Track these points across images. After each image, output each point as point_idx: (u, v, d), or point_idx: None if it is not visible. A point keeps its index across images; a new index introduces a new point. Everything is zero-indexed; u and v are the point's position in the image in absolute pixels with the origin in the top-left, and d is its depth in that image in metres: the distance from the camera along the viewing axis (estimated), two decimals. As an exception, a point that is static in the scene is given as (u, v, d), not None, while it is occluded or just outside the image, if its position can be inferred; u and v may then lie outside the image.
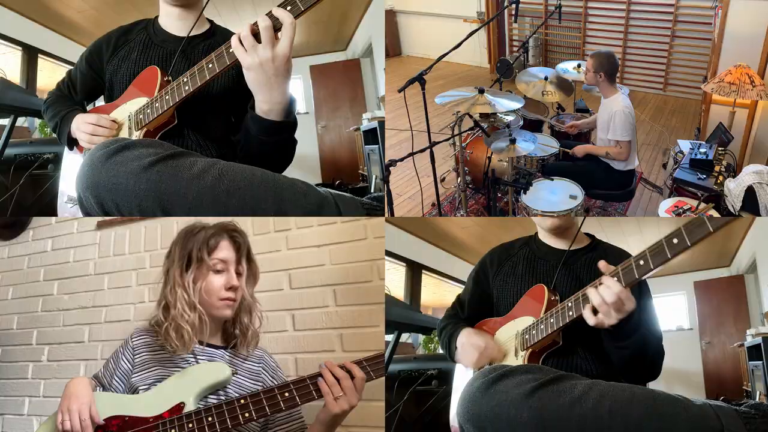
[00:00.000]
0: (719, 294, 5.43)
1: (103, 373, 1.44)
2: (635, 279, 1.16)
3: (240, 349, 1.44)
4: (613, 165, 2.85)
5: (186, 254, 1.39)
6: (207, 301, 1.37)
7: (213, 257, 1.38)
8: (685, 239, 1.07)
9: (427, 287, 4.59)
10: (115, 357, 1.45)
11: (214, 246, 1.38)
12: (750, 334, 3.87)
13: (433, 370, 2.62)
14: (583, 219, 1.55)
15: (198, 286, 1.36)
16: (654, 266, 1.13)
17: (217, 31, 1.75)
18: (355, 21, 5.98)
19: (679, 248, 1.08)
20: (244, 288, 1.43)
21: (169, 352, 1.36)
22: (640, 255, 1.16)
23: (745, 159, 3.26)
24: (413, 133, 2.51)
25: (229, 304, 1.39)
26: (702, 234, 1.05)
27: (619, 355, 1.29)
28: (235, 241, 1.42)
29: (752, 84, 2.83)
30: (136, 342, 1.44)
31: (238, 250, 1.42)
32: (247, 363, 1.45)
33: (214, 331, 1.45)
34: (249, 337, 1.44)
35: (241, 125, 1.51)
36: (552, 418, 0.97)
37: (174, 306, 1.35)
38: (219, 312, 1.39)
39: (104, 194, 1.06)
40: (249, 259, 1.46)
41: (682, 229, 1.08)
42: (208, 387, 1.31)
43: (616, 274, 1.19)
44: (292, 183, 1.12)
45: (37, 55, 4.88)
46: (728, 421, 0.92)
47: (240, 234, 1.44)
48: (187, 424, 1.24)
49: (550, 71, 3.24)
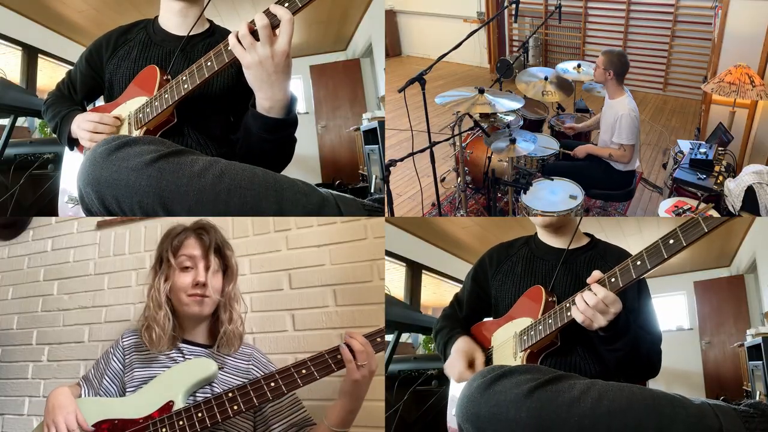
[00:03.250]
0: (719, 294, 5.43)
1: (93, 374, 1.45)
2: (632, 279, 1.18)
3: (222, 348, 1.43)
4: (614, 165, 2.85)
5: (158, 255, 1.44)
6: (176, 298, 1.39)
7: (179, 255, 1.40)
8: (681, 240, 1.10)
9: (427, 287, 4.59)
10: (105, 357, 1.46)
11: (179, 245, 1.41)
12: (750, 334, 3.86)
13: (433, 370, 2.62)
14: (580, 218, 1.56)
15: (168, 285, 1.39)
16: (651, 266, 1.15)
17: (217, 30, 1.75)
18: (355, 21, 5.98)
19: (675, 248, 1.11)
20: (216, 285, 1.42)
21: (155, 352, 1.39)
22: (636, 256, 1.19)
23: (745, 159, 3.26)
24: (413, 133, 2.51)
25: (197, 300, 1.39)
26: (697, 234, 1.08)
27: (612, 357, 1.30)
28: (201, 238, 1.43)
29: (752, 84, 2.83)
30: (126, 343, 1.45)
31: (203, 246, 1.42)
32: (233, 361, 1.45)
33: (195, 329, 1.45)
34: (227, 335, 1.43)
35: (241, 123, 1.51)
36: (551, 418, 0.97)
37: (147, 306, 1.39)
38: (189, 309, 1.39)
39: (105, 190, 1.06)
40: (221, 254, 1.46)
41: (677, 229, 1.11)
42: (195, 383, 1.32)
43: (605, 279, 1.22)
44: (293, 183, 1.12)
45: (37, 55, 4.88)
46: (727, 420, 0.92)
47: (207, 231, 1.45)
48: (178, 421, 1.24)
49: (550, 71, 3.24)
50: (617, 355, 1.28)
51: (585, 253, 1.52)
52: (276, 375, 1.26)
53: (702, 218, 1.06)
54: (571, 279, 1.46)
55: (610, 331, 1.23)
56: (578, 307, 1.23)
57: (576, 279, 1.45)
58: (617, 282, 1.20)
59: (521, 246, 1.63)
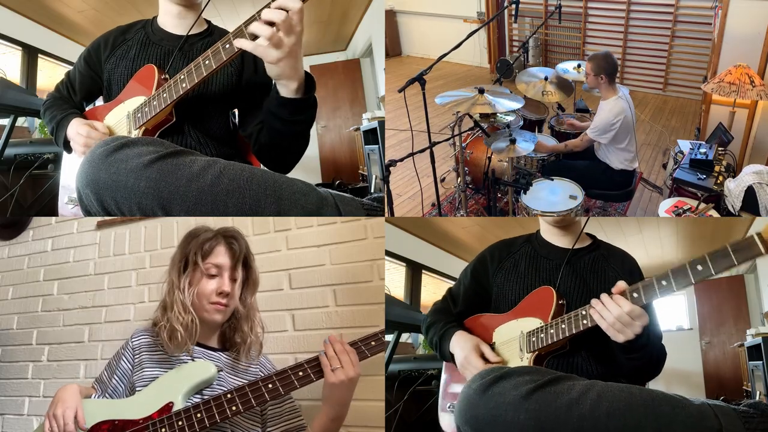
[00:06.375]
0: (719, 294, 5.43)
1: (105, 374, 1.46)
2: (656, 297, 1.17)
3: (240, 356, 1.45)
4: (612, 165, 2.85)
5: (183, 257, 1.43)
6: (198, 304, 1.39)
7: (207, 262, 1.40)
8: (710, 268, 1.08)
9: (427, 287, 4.58)
10: (116, 357, 1.46)
11: (209, 251, 1.40)
12: (750, 334, 3.86)
13: (433, 370, 2.61)
14: (587, 218, 1.55)
15: (192, 289, 1.39)
16: (676, 288, 1.14)
17: (215, 30, 1.75)
18: (355, 21, 5.98)
19: (703, 275, 1.09)
20: (237, 294, 1.44)
21: (166, 352, 1.39)
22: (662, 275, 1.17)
23: (745, 159, 3.26)
24: (413, 133, 2.51)
25: (219, 308, 1.40)
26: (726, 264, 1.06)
27: (630, 365, 1.29)
28: (231, 248, 1.43)
29: (752, 84, 2.83)
30: (136, 342, 1.45)
31: (233, 256, 1.43)
32: (245, 366, 1.47)
33: (210, 334, 1.46)
34: (248, 345, 1.44)
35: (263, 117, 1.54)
36: (550, 419, 0.96)
37: (171, 308, 1.38)
38: (209, 316, 1.40)
39: (104, 192, 1.06)
40: (247, 266, 1.47)
41: (707, 256, 1.09)
42: (195, 385, 1.33)
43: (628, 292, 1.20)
44: (292, 183, 1.12)
45: (37, 55, 4.88)
46: (727, 420, 0.91)
47: (237, 240, 1.45)
48: (177, 422, 1.25)
49: (550, 71, 3.24)
50: (636, 363, 1.28)
51: (588, 254, 1.51)
52: (273, 377, 1.28)
53: (732, 249, 1.05)
54: (575, 279, 1.45)
55: (633, 344, 1.21)
56: (604, 317, 1.20)
57: (580, 280, 1.45)
58: (640, 298, 1.18)
59: (523, 244, 1.62)
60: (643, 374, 1.33)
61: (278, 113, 1.46)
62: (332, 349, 1.28)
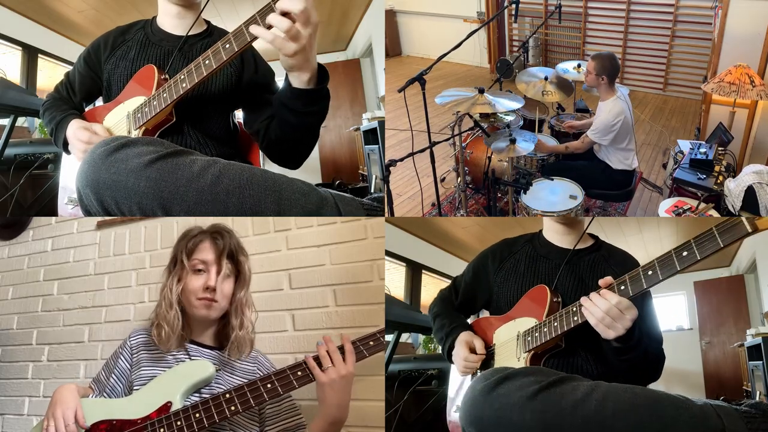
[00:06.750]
0: (719, 294, 5.43)
1: (102, 374, 1.46)
2: (643, 289, 1.16)
3: (232, 353, 1.44)
4: (612, 165, 2.85)
5: (173, 255, 1.45)
6: (186, 300, 1.41)
7: (193, 258, 1.41)
8: (695, 253, 1.06)
9: (427, 287, 4.58)
10: (114, 356, 1.47)
11: (193, 248, 1.42)
12: (750, 334, 3.86)
13: (433, 370, 2.61)
14: (591, 219, 1.55)
15: (179, 286, 1.41)
16: (662, 277, 1.12)
17: (215, 31, 1.75)
18: (355, 21, 5.98)
19: (689, 261, 1.08)
20: (227, 290, 1.43)
21: (162, 351, 1.40)
22: (648, 265, 1.15)
23: (745, 159, 3.26)
24: (413, 133, 2.51)
25: (206, 303, 1.40)
26: (712, 249, 1.04)
27: (623, 366, 1.29)
28: (216, 242, 1.44)
29: (752, 84, 2.82)
30: (134, 342, 1.46)
31: (218, 250, 1.43)
32: (240, 364, 1.47)
33: (202, 331, 1.46)
34: (238, 340, 1.43)
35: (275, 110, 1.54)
36: (555, 420, 0.96)
37: (159, 305, 1.41)
38: (198, 312, 1.40)
39: (104, 192, 1.06)
40: (235, 260, 1.46)
41: (692, 242, 1.07)
42: (193, 385, 1.33)
43: (614, 285, 1.20)
44: (292, 183, 1.12)
45: (37, 55, 4.88)
46: (729, 420, 0.91)
47: (222, 235, 1.45)
48: (176, 422, 1.25)
49: (550, 71, 3.23)
50: (628, 364, 1.27)
51: (589, 254, 1.51)
52: (272, 376, 1.28)
53: (717, 232, 1.03)
54: (574, 280, 1.45)
55: (625, 342, 1.21)
56: (592, 313, 1.19)
57: (579, 280, 1.45)
58: (627, 290, 1.17)
59: (524, 244, 1.62)
60: (636, 374, 1.32)
61: (291, 105, 1.45)
62: (324, 349, 1.29)
